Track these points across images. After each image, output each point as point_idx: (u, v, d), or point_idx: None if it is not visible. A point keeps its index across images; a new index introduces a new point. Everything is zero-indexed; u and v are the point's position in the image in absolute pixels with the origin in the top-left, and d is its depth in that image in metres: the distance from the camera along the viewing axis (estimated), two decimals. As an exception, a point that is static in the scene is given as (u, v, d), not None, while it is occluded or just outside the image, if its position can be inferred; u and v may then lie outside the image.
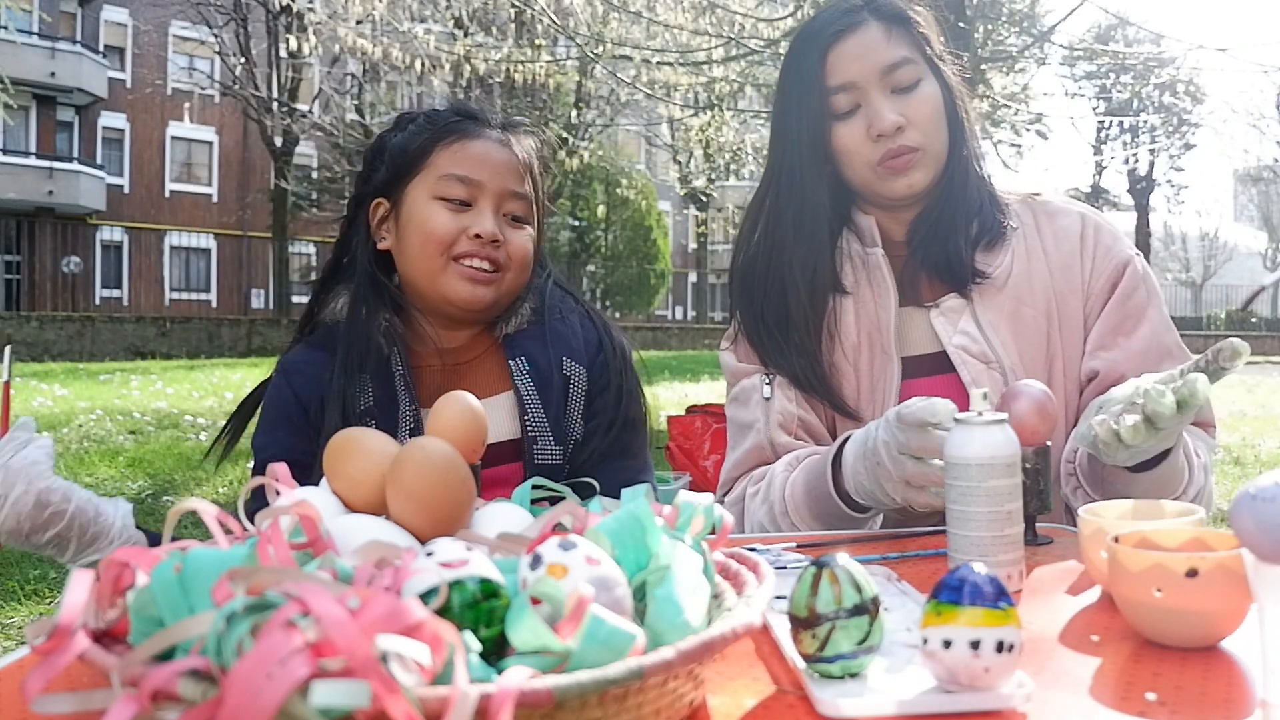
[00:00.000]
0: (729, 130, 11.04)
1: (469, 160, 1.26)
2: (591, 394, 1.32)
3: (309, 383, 1.27)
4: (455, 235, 1.24)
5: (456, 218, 1.24)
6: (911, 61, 1.26)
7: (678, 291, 32.60)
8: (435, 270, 1.25)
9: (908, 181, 1.26)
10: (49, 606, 3.08)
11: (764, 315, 1.33)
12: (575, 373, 1.32)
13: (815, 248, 1.31)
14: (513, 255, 1.27)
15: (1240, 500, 0.59)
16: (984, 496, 0.85)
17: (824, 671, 0.62)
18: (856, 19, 1.26)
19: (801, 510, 1.18)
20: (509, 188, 1.27)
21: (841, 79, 1.26)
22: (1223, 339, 0.93)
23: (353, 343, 1.26)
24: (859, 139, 1.26)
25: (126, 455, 5.67)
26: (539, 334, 1.33)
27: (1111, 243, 1.30)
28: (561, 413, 1.29)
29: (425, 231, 1.24)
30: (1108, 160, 29.28)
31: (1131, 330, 1.25)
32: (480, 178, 1.25)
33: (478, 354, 1.33)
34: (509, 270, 1.27)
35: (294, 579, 0.50)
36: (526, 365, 1.30)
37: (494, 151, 1.28)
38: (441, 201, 1.25)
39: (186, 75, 24.63)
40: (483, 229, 1.23)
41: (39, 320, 16.67)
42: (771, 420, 1.29)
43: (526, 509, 0.76)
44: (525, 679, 0.47)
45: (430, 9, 11.70)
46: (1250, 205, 38.08)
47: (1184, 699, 0.61)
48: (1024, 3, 9.46)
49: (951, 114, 1.29)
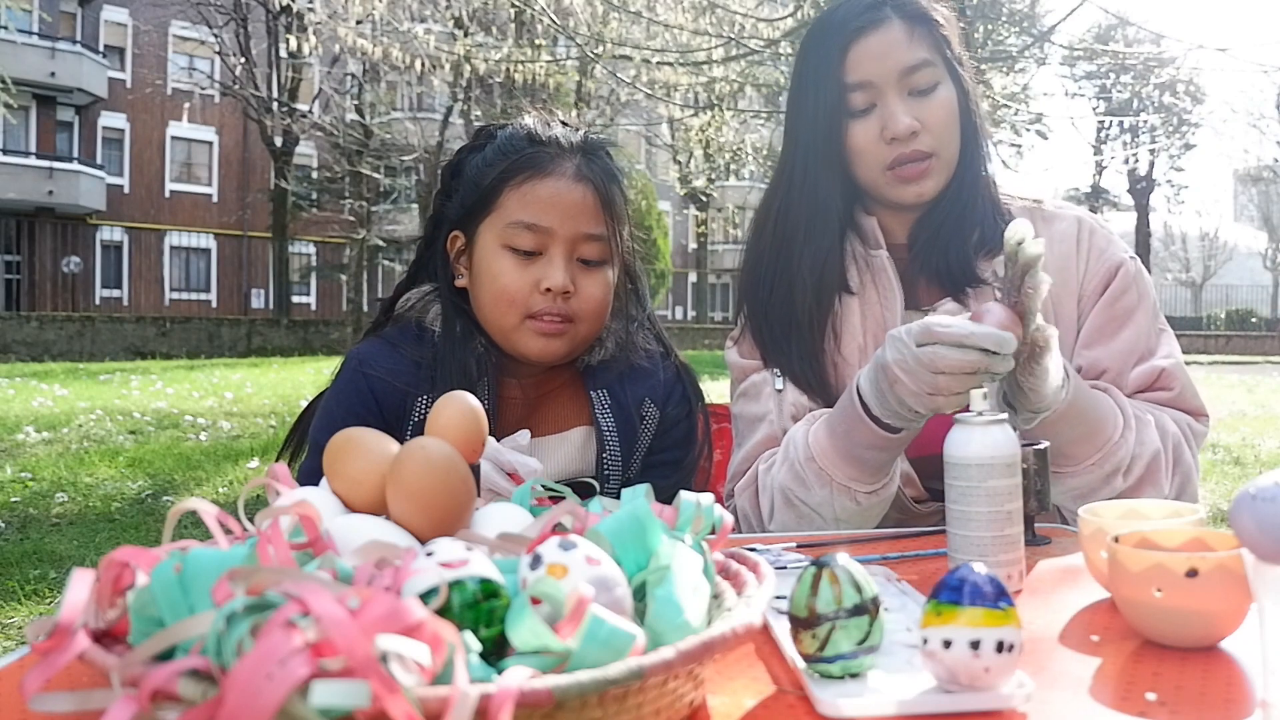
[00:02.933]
0: (729, 130, 11.06)
1: (538, 204, 1.18)
2: (660, 433, 1.30)
3: (389, 386, 1.21)
4: (527, 292, 1.18)
5: (526, 270, 1.18)
6: (931, 64, 1.24)
7: (678, 291, 32.60)
8: (508, 327, 1.20)
9: (919, 190, 1.26)
10: (49, 606, 3.08)
11: (769, 313, 1.33)
12: (650, 413, 1.29)
13: (825, 247, 1.30)
14: (584, 306, 1.20)
15: (1240, 500, 0.59)
16: (984, 496, 0.85)
17: (824, 671, 0.62)
18: (879, 15, 1.25)
19: (829, 454, 1.14)
20: (582, 231, 1.19)
21: (860, 76, 1.24)
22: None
23: (448, 360, 1.21)
24: (872, 139, 1.25)
25: (126, 455, 5.67)
26: (620, 368, 1.29)
27: (1105, 245, 1.31)
28: (634, 451, 1.26)
29: (497, 288, 1.19)
30: (1108, 160, 29.29)
31: (1116, 332, 1.26)
32: (550, 224, 1.18)
33: (557, 385, 1.29)
34: (582, 321, 1.21)
35: (294, 579, 0.50)
36: (608, 400, 1.26)
37: (565, 192, 1.19)
38: (510, 251, 1.19)
39: (186, 75, 24.66)
40: (553, 282, 1.17)
41: (39, 320, 16.68)
42: (785, 411, 1.28)
43: (526, 509, 0.76)
44: (525, 679, 0.47)
45: (430, 9, 11.71)
46: (1250, 205, 38.06)
47: (1184, 699, 0.61)
48: (1024, 3, 9.46)
49: (966, 119, 1.28)
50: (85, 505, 4.50)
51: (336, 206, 23.21)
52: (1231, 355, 19.94)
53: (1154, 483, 1.16)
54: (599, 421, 1.25)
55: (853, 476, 1.13)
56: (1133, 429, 1.15)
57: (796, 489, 1.17)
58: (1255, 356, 19.67)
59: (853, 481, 1.14)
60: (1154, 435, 1.16)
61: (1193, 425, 1.24)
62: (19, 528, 4.08)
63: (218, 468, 5.42)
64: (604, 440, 1.25)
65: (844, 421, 1.12)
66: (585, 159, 1.23)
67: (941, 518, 1.12)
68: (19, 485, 4.87)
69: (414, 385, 1.21)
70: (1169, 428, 1.19)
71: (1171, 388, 1.24)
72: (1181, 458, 1.19)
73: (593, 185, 1.20)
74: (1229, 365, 17.01)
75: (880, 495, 1.16)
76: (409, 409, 1.20)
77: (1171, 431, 1.19)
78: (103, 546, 3.76)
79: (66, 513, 4.35)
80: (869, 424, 1.08)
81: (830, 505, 1.15)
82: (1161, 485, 1.16)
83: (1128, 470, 1.14)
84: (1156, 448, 1.16)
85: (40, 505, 4.46)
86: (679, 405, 1.32)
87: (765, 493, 1.23)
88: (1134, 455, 1.14)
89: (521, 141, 1.22)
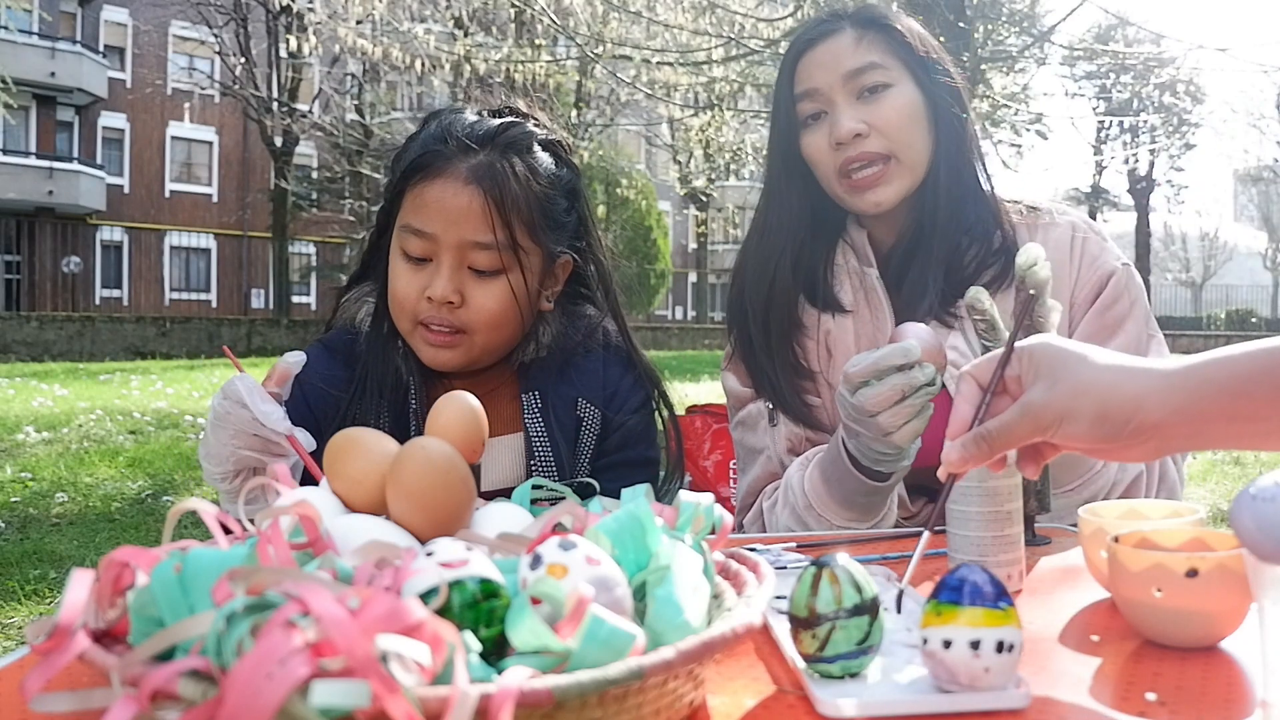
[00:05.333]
0: (729, 130, 11.06)
1: (424, 210, 1.12)
2: (604, 435, 1.24)
3: (323, 394, 1.18)
4: (415, 299, 1.13)
5: (415, 277, 1.13)
6: (880, 66, 1.23)
7: (678, 291, 32.61)
8: (407, 331, 1.17)
9: (875, 199, 1.23)
10: (49, 606, 3.08)
11: (751, 338, 1.33)
12: (589, 414, 1.23)
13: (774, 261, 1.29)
14: (474, 317, 1.13)
15: (1240, 500, 0.59)
16: (983, 496, 0.85)
17: (824, 671, 0.62)
18: (832, 27, 1.26)
19: (825, 500, 1.15)
20: (468, 239, 1.11)
21: (805, 85, 1.25)
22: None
23: (371, 362, 1.19)
24: (822, 147, 1.25)
25: (126, 455, 5.67)
26: (555, 365, 1.24)
27: (1098, 253, 1.29)
28: (570, 455, 1.22)
29: (392, 292, 1.16)
30: (1108, 160, 29.27)
31: (1107, 340, 1.24)
32: (434, 230, 1.11)
33: (494, 386, 1.23)
34: (475, 333, 1.15)
35: (294, 579, 0.50)
36: (538, 403, 1.22)
37: (451, 197, 1.11)
38: (404, 255, 1.14)
39: (186, 75, 24.67)
40: (434, 292, 1.11)
41: (39, 320, 16.68)
42: (780, 445, 1.29)
43: (526, 509, 0.76)
44: (525, 679, 0.47)
45: (430, 9, 11.71)
46: (1250, 205, 38.08)
47: (1184, 699, 0.61)
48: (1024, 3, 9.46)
49: (940, 123, 1.26)
50: (85, 505, 4.50)
51: (336, 206, 23.22)
52: (1231, 355, 19.89)
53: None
54: (527, 427, 1.20)
55: (851, 519, 1.16)
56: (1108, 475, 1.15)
57: (800, 530, 1.20)
58: (1255, 356, 19.61)
59: (851, 523, 1.16)
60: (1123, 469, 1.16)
61: None
62: (19, 528, 4.08)
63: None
64: (531, 446, 1.20)
65: (835, 470, 1.14)
66: (489, 157, 1.13)
67: (943, 517, 1.12)
68: (19, 485, 4.87)
69: (346, 389, 1.19)
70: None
71: None
72: (1167, 474, 1.20)
73: (483, 189, 1.11)
74: (1229, 365, 16.97)
75: (881, 525, 1.18)
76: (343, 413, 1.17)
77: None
78: (103, 546, 3.76)
79: (66, 513, 4.35)
80: (857, 476, 1.11)
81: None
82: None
83: (1107, 495, 1.15)
84: (1139, 470, 1.17)
85: (40, 505, 4.46)
86: (626, 401, 1.26)
87: (771, 529, 1.26)
88: (1114, 481, 1.15)
89: (430, 138, 1.16)
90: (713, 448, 2.60)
